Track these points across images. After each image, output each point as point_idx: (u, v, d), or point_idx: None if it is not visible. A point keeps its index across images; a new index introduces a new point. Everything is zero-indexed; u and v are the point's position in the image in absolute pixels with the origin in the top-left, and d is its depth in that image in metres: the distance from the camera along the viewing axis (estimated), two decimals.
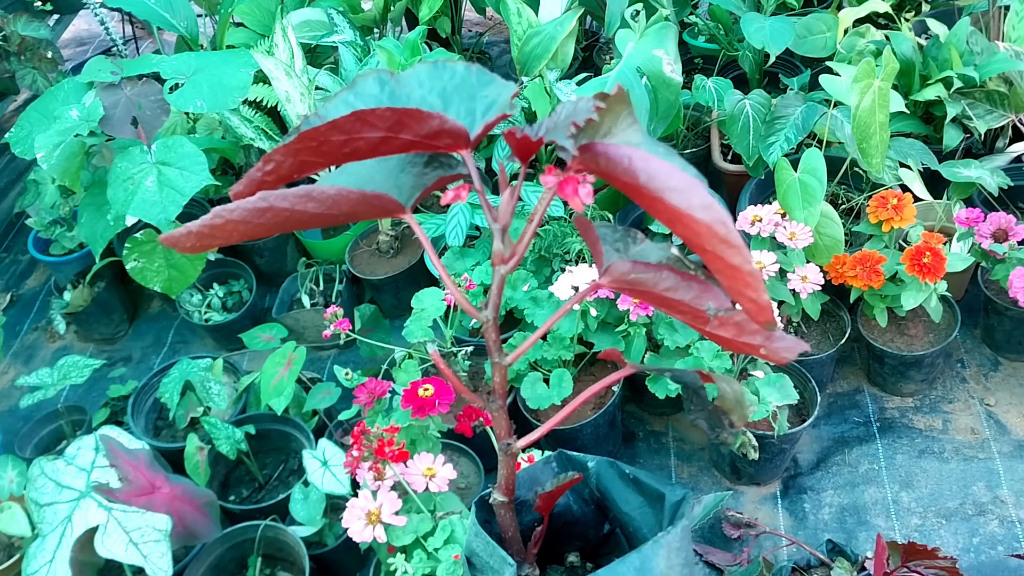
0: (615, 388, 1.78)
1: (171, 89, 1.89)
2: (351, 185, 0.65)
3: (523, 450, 0.89)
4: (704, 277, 0.67)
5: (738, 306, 0.63)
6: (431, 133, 0.63)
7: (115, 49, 2.43)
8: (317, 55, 2.46)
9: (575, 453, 0.96)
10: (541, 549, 0.93)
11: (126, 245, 1.99)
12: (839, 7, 2.16)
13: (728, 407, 0.74)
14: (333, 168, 0.72)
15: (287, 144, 0.60)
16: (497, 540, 0.86)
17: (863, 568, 1.48)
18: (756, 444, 1.65)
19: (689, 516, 0.85)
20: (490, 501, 0.87)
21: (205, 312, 2.27)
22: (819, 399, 1.74)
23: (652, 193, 0.54)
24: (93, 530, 1.32)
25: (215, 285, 2.32)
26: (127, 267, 1.99)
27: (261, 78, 2.19)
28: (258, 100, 2.23)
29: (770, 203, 1.85)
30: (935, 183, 1.94)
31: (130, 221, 1.87)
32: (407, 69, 0.70)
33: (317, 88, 2.09)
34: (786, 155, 1.87)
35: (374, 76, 0.70)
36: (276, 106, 2.17)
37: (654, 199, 0.55)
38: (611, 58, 2.77)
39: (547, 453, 1.51)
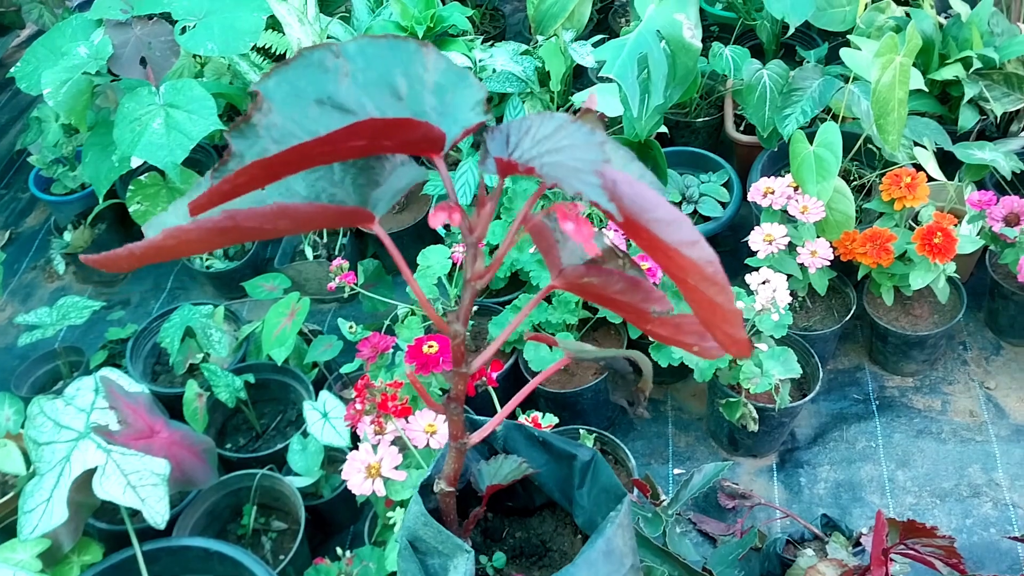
0: None
1: (182, 31, 1.86)
2: (312, 193, 0.67)
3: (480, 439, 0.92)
4: (634, 272, 0.73)
5: (677, 311, 0.69)
6: (413, 140, 0.63)
7: None
8: (329, 3, 2.42)
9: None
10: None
11: (129, 187, 1.96)
12: None
13: (644, 382, 0.85)
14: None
15: (270, 158, 0.57)
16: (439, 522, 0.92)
17: (858, 544, 1.48)
18: (756, 416, 1.65)
19: (626, 503, 0.90)
20: (435, 490, 0.91)
21: (207, 259, 2.25)
22: (821, 375, 1.73)
23: (636, 221, 0.55)
24: (91, 471, 1.31)
25: None
26: (130, 210, 1.97)
27: (271, 25, 2.15)
28: (267, 47, 2.20)
29: (782, 176, 1.84)
30: (947, 164, 1.93)
31: (135, 163, 1.84)
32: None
33: (329, 37, 2.06)
34: (800, 129, 1.85)
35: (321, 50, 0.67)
36: (285, 54, 2.14)
37: (636, 226, 0.55)
38: (626, 21, 2.74)
39: (547, 415, 1.52)
